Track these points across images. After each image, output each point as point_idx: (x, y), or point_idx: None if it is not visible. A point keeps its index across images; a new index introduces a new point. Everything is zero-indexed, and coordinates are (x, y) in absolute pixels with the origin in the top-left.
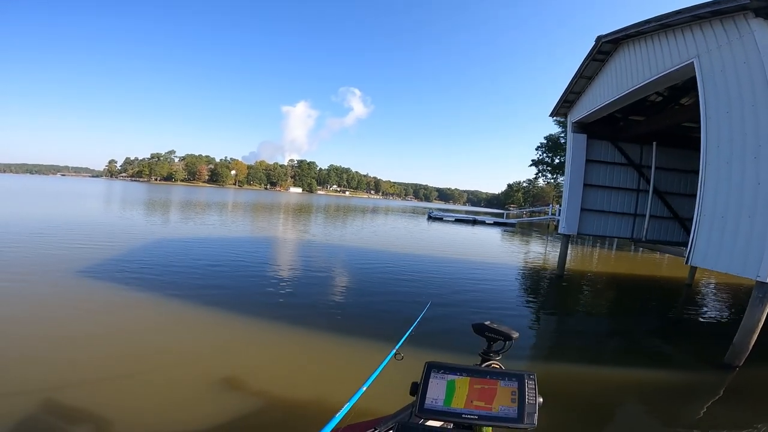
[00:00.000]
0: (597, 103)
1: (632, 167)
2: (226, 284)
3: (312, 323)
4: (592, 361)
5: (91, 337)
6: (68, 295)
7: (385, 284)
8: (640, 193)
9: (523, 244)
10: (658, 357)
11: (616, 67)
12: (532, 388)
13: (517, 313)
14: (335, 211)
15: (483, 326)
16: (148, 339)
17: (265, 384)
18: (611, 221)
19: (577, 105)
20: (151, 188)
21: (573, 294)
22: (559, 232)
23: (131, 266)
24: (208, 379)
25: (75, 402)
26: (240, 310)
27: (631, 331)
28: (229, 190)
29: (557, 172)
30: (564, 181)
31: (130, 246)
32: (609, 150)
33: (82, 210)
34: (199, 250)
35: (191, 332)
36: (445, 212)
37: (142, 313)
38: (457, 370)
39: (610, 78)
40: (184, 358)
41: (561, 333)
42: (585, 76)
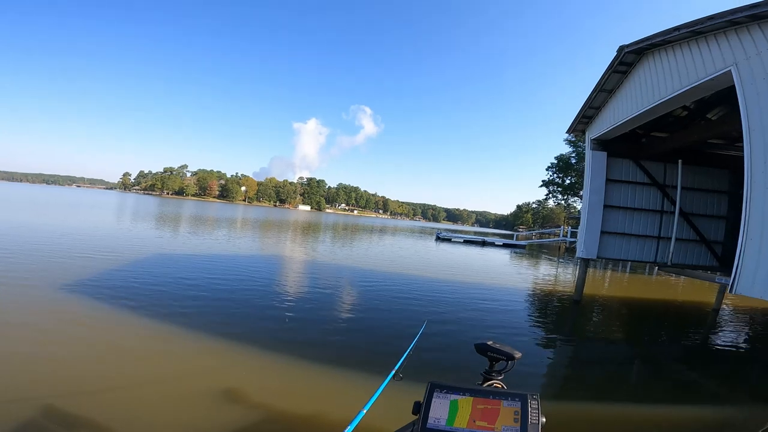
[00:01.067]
0: (618, 118)
1: (656, 187)
2: (224, 300)
3: (316, 344)
4: (613, 393)
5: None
6: (58, 308)
7: (390, 306)
8: (664, 214)
9: (534, 267)
10: (687, 387)
11: (639, 80)
12: (536, 408)
13: (531, 340)
14: (343, 230)
15: (485, 346)
16: (133, 359)
17: (263, 406)
18: (633, 244)
19: (597, 121)
20: (161, 202)
21: (592, 320)
22: (578, 256)
23: (136, 278)
24: (203, 398)
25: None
26: (237, 329)
27: (656, 359)
28: (239, 206)
29: (568, 192)
30: (582, 202)
31: (138, 258)
32: (630, 169)
33: (96, 221)
34: (202, 265)
35: (179, 349)
36: (453, 233)
37: (136, 330)
38: (460, 390)
39: (633, 91)
40: (175, 377)
41: (578, 361)
42: (605, 89)
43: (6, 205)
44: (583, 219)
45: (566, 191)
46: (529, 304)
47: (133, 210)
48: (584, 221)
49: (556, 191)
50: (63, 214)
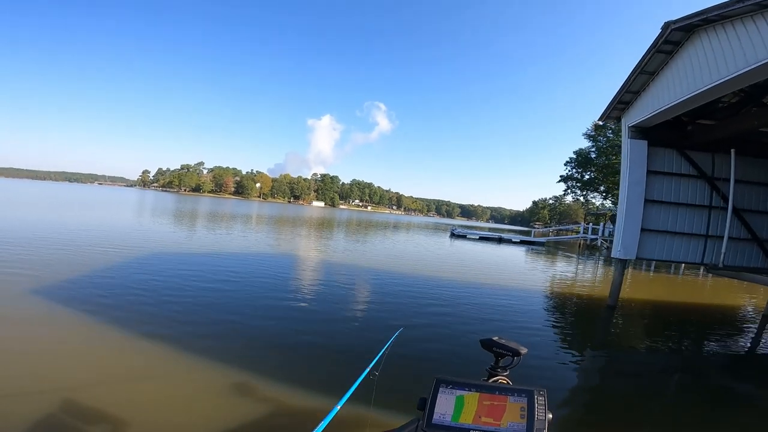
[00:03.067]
0: (662, 103)
1: (703, 180)
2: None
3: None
4: (653, 409)
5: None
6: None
7: (408, 311)
8: (713, 210)
9: (556, 266)
10: (738, 401)
11: (688, 60)
12: (542, 404)
13: (562, 349)
14: (357, 226)
15: (491, 341)
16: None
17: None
18: (678, 244)
19: (635, 106)
20: (179, 199)
21: (629, 328)
22: (614, 256)
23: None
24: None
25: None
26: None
27: (699, 371)
28: (254, 202)
29: (587, 188)
30: (619, 197)
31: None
32: (674, 159)
33: (116, 217)
34: (212, 262)
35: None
36: (468, 229)
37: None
38: (465, 386)
39: (680, 73)
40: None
41: (612, 374)
42: (646, 71)
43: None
44: (621, 215)
45: (585, 187)
46: (558, 310)
47: (151, 207)
48: (621, 217)
49: (574, 187)
50: (95, 212)
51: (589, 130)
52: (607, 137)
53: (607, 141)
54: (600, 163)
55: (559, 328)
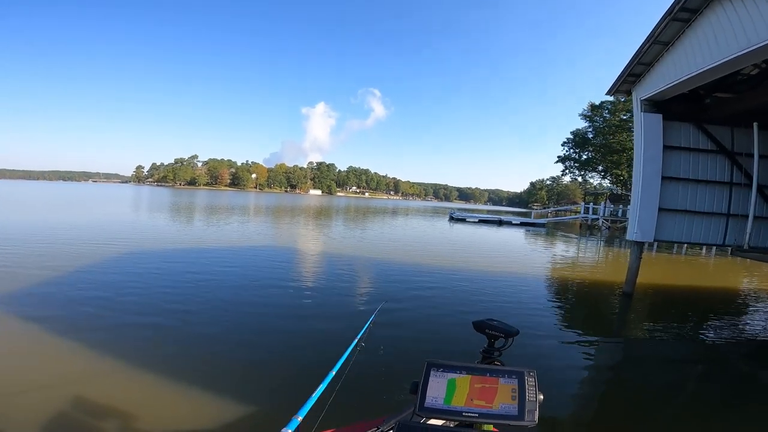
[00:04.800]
0: (678, 75)
1: (723, 155)
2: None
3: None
4: (673, 399)
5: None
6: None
7: (413, 303)
8: (734, 187)
9: (561, 248)
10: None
11: (709, 28)
12: (533, 385)
13: (578, 343)
14: (354, 213)
15: (484, 323)
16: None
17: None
18: (698, 224)
19: (648, 78)
20: (174, 193)
21: (647, 315)
22: (630, 239)
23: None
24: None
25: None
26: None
27: (724, 359)
28: (250, 193)
29: (585, 168)
30: (634, 174)
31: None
32: (692, 134)
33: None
34: (209, 255)
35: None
36: (467, 212)
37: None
38: (457, 369)
39: (698, 42)
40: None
41: (634, 363)
42: (660, 41)
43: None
44: (636, 194)
45: (583, 167)
46: (572, 297)
47: (144, 202)
48: (637, 196)
49: (572, 167)
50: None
51: (585, 110)
52: (604, 117)
53: (604, 121)
54: (597, 143)
55: (574, 318)
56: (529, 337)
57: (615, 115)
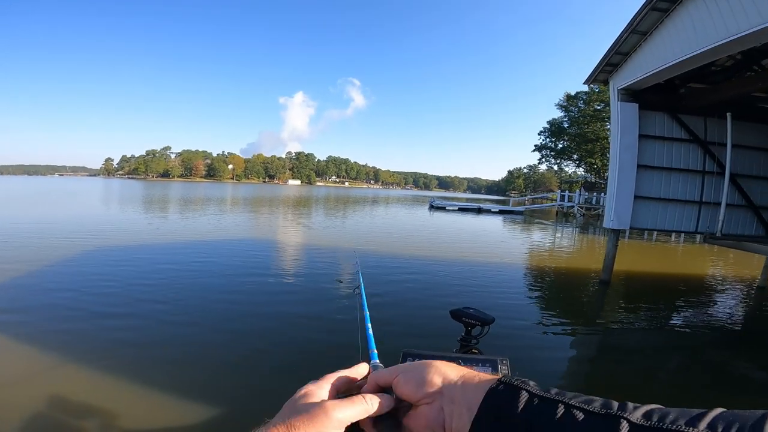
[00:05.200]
0: (655, 64)
1: (697, 144)
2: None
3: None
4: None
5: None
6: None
7: (391, 291)
8: (706, 175)
9: (539, 237)
10: (736, 378)
11: (687, 18)
12: (506, 373)
13: (555, 330)
14: (334, 202)
15: (460, 312)
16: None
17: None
18: (672, 211)
19: (625, 68)
20: (145, 185)
21: (624, 304)
22: (607, 226)
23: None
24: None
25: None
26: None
27: (698, 347)
28: (227, 184)
29: (560, 157)
30: (610, 163)
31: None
32: (666, 123)
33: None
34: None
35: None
36: (447, 201)
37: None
38: (431, 358)
39: (676, 33)
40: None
41: (605, 355)
42: (639, 31)
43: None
44: (612, 182)
45: (559, 155)
46: (548, 286)
47: (105, 195)
48: (613, 184)
49: (549, 156)
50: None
51: (561, 101)
52: (579, 107)
53: (579, 111)
54: (573, 132)
55: (552, 306)
56: (508, 326)
57: (589, 105)
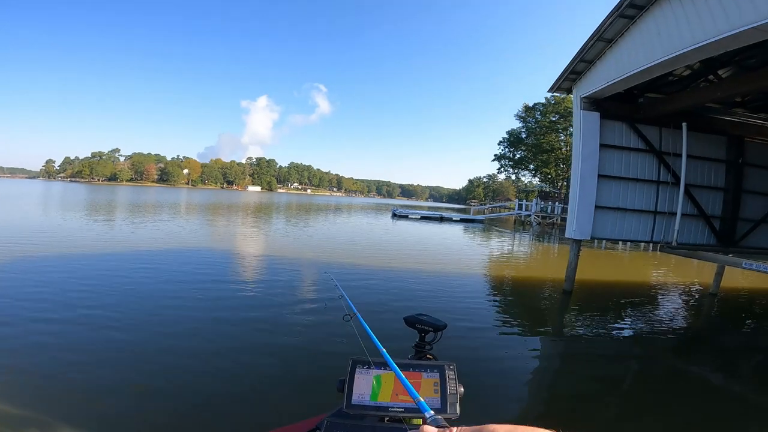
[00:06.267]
0: (619, 72)
1: (652, 154)
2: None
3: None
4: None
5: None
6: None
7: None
8: (660, 185)
9: (498, 245)
10: (691, 384)
11: (653, 24)
12: (453, 378)
13: (517, 337)
14: (295, 210)
15: (414, 318)
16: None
17: None
18: (629, 221)
19: (588, 76)
20: (89, 189)
21: (584, 313)
22: (570, 236)
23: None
24: None
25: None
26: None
27: (653, 355)
28: (181, 189)
29: (518, 166)
30: (572, 172)
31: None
32: (624, 133)
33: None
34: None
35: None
36: (409, 209)
37: None
38: (381, 365)
39: (641, 39)
40: None
41: (570, 361)
42: (604, 38)
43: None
44: (574, 191)
45: (516, 165)
46: (507, 294)
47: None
48: (575, 194)
49: (507, 165)
50: None
51: (520, 112)
52: (536, 118)
53: (536, 122)
54: (530, 143)
55: (511, 313)
56: (465, 331)
57: (546, 116)
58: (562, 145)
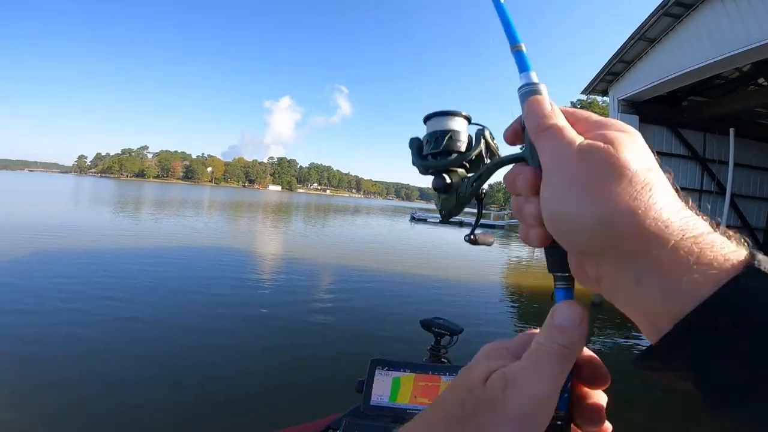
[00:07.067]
0: (662, 73)
1: (696, 161)
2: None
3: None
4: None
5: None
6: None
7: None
8: (703, 194)
9: (519, 252)
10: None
11: (703, 24)
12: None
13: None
14: (315, 211)
15: (430, 322)
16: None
17: None
18: None
19: (627, 77)
20: (118, 185)
21: (613, 325)
22: None
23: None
24: None
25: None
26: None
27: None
28: (205, 187)
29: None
30: None
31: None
32: (665, 137)
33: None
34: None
35: None
36: (428, 213)
37: None
38: (401, 367)
39: (689, 39)
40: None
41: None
42: (647, 38)
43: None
44: None
45: None
46: (524, 301)
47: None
48: None
49: None
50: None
51: None
52: None
53: None
54: None
55: (527, 319)
56: (485, 336)
57: None
58: None
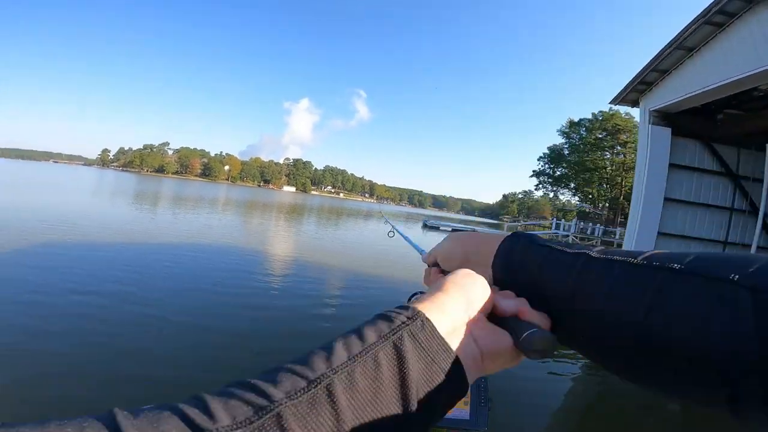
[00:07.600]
0: (700, 84)
1: (728, 178)
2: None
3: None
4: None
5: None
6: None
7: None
8: (734, 213)
9: None
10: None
11: (747, 33)
12: (484, 391)
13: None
14: (328, 213)
15: None
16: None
17: None
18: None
19: (660, 87)
20: (137, 180)
21: None
22: None
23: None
24: None
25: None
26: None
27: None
28: (220, 185)
29: (557, 184)
30: (634, 193)
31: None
32: (698, 152)
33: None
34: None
35: None
36: (441, 221)
37: None
38: None
39: (731, 48)
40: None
41: (611, 388)
42: (684, 46)
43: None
44: (635, 213)
45: (556, 183)
46: None
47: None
48: (636, 216)
49: (546, 182)
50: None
51: (563, 127)
52: (581, 134)
53: (581, 138)
54: (572, 160)
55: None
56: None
57: (591, 133)
58: (607, 164)
